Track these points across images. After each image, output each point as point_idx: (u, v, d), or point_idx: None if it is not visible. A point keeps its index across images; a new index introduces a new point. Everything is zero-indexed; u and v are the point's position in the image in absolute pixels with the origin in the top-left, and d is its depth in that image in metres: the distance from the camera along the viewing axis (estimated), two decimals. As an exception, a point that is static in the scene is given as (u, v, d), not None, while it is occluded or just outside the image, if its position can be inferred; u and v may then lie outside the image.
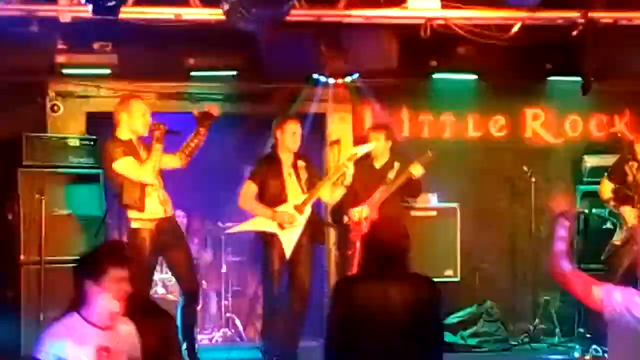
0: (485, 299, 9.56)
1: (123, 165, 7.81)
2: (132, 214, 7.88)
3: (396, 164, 8.93)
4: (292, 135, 8.48)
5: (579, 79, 9.25)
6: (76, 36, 8.26)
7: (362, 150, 8.71)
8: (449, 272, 9.68)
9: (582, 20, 7.99)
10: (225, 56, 9.00)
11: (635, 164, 8.86)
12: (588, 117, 10.52)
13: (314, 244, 8.70)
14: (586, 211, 9.64)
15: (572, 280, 4.79)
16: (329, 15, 7.83)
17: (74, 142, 9.00)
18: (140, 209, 7.86)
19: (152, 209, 7.92)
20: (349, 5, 7.78)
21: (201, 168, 9.96)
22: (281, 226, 8.38)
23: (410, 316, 5.19)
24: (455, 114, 10.35)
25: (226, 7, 6.71)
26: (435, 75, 9.60)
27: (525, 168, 9.64)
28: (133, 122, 7.94)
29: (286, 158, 8.53)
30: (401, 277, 5.33)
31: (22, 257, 8.50)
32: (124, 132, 7.95)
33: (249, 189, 8.52)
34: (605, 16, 8.02)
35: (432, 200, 9.75)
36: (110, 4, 6.92)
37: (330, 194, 8.65)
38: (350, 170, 8.52)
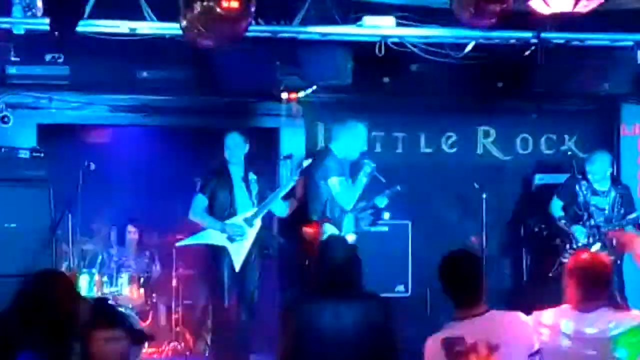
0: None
1: None
2: None
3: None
4: (234, 147, 8.51)
5: (530, 97, 9.37)
6: (28, 48, 8.17)
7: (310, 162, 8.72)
8: (400, 288, 9.72)
9: (534, 41, 8.06)
10: (178, 69, 8.97)
11: (586, 183, 8.98)
12: (538, 135, 10.62)
13: (264, 258, 8.71)
14: (536, 229, 9.71)
15: None
16: (284, 31, 7.83)
17: (24, 154, 8.90)
18: None
19: None
20: (304, 22, 7.78)
21: (152, 181, 9.95)
22: (231, 239, 8.38)
23: (361, 334, 5.22)
24: (407, 130, 10.39)
25: (183, 23, 6.68)
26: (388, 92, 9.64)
27: (476, 185, 9.70)
28: None
29: (236, 171, 8.55)
30: (352, 296, 5.36)
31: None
32: None
33: (199, 202, 8.53)
34: (557, 37, 8.10)
35: (385, 216, 9.77)
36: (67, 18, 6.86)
37: (281, 207, 8.66)
38: (300, 183, 8.53)
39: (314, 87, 9.05)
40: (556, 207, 9.17)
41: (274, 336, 5.62)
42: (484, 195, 9.64)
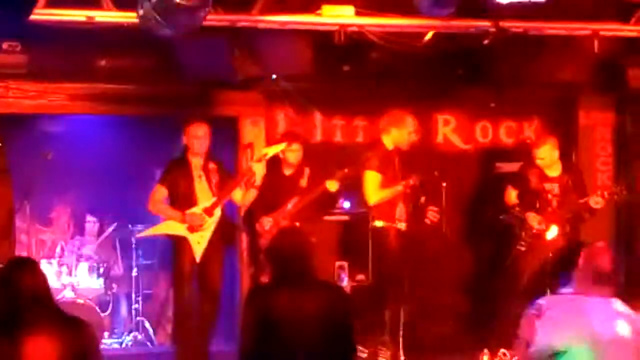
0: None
1: None
2: None
3: (306, 170, 8.96)
4: (199, 138, 8.47)
5: (489, 85, 9.41)
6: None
7: (271, 151, 8.71)
8: (361, 277, 9.73)
9: (493, 30, 8.08)
10: (137, 58, 8.92)
11: (537, 170, 9.03)
12: (498, 123, 10.67)
13: (225, 247, 8.70)
14: (494, 217, 9.77)
15: None
16: (243, 20, 7.79)
17: (-19, 144, 8.83)
18: None
19: None
20: (263, 11, 7.75)
21: (111, 171, 9.89)
22: (191, 229, 8.38)
23: (320, 323, 5.25)
24: (367, 118, 10.40)
25: (141, 12, 6.63)
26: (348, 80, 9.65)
27: (435, 173, 9.71)
28: None
29: (196, 161, 8.52)
30: (310, 285, 5.39)
31: None
32: None
33: (159, 192, 8.50)
34: (515, 25, 8.12)
35: (344, 205, 9.78)
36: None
37: (241, 196, 8.65)
38: (259, 171, 8.52)
39: (274, 76, 9.03)
40: (511, 195, 9.23)
41: (236, 326, 5.64)
42: (444, 184, 9.68)
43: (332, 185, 8.77)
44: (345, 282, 9.21)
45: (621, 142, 10.52)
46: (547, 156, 9.00)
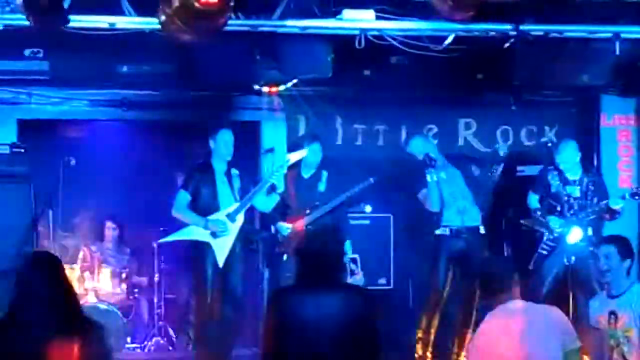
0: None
1: None
2: None
3: (324, 173, 8.97)
4: (225, 144, 8.49)
5: (510, 89, 9.39)
6: (7, 43, 8.14)
7: (294, 157, 8.72)
8: (383, 281, 9.75)
9: (514, 33, 8.07)
10: (158, 63, 8.95)
11: (557, 174, 9.00)
12: (519, 127, 10.65)
13: (247, 252, 8.71)
14: (516, 221, 9.75)
15: None
16: (264, 25, 7.81)
17: (4, 150, 8.86)
18: None
19: None
20: (284, 16, 7.77)
21: (133, 176, 9.92)
22: (214, 234, 8.38)
23: (345, 327, 5.24)
24: (388, 123, 10.40)
25: (162, 17, 6.66)
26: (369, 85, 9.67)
27: None
28: None
29: (219, 167, 8.54)
30: (335, 288, 5.37)
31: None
32: None
33: (182, 198, 8.51)
34: (536, 29, 8.11)
35: (366, 209, 9.78)
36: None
37: (263, 202, 8.66)
38: (281, 177, 8.54)
39: (295, 81, 9.04)
40: (532, 200, 9.19)
41: (258, 330, 5.65)
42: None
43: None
44: (360, 275, 9.17)
45: (644, 144, 10.49)
46: (570, 159, 8.97)
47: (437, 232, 8.81)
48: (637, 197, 8.94)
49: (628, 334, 6.34)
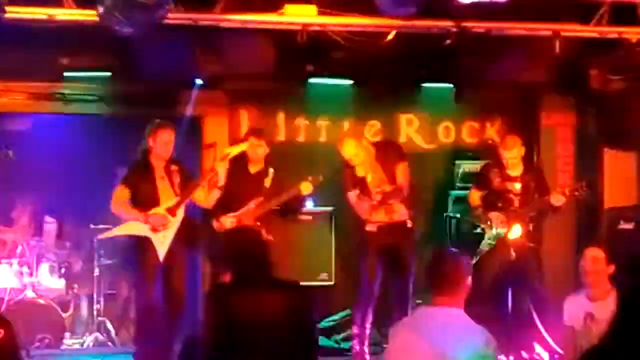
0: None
1: None
2: None
3: (271, 171, 8.94)
4: (164, 144, 8.44)
5: (451, 86, 9.44)
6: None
7: (234, 150, 8.70)
8: (324, 276, 9.76)
9: (455, 30, 8.11)
10: (99, 57, 8.88)
11: (498, 170, 9.06)
12: (460, 123, 10.71)
13: (188, 247, 8.67)
14: (458, 216, 9.82)
15: None
16: (205, 19, 7.77)
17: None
18: None
19: None
20: (225, 10, 7.73)
21: (73, 170, 9.83)
22: (154, 229, 8.33)
23: (283, 324, 5.24)
24: (330, 118, 10.42)
25: (101, 10, 6.60)
26: (312, 80, 9.66)
27: None
28: None
29: (158, 164, 8.49)
30: (274, 285, 5.38)
31: None
32: None
33: (121, 193, 8.45)
34: (477, 26, 8.16)
35: (307, 204, 9.78)
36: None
37: (204, 196, 8.63)
38: (221, 172, 8.50)
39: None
40: (473, 197, 9.25)
41: (197, 326, 5.63)
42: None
43: (307, 188, 8.79)
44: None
45: (582, 142, 10.58)
46: (517, 155, 9.03)
47: (367, 228, 8.83)
48: (577, 193, 9.04)
49: None
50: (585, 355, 4.02)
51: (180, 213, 8.43)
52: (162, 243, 8.34)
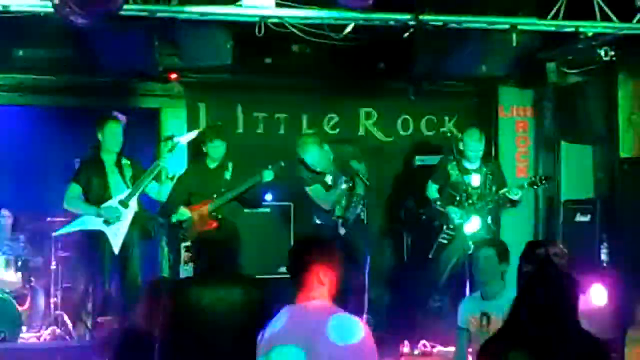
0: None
1: None
2: None
3: (230, 164, 8.93)
4: (113, 137, 8.44)
5: (410, 79, 9.45)
6: None
7: (183, 139, 8.71)
8: (283, 269, 9.73)
9: (413, 23, 8.12)
10: (55, 48, 8.81)
11: (456, 164, 9.09)
12: (419, 116, 10.73)
13: (143, 239, 8.66)
14: (415, 211, 9.84)
15: None
16: (163, 10, 7.72)
17: None
18: None
19: None
20: (183, 1, 7.69)
21: (30, 163, 9.74)
22: (107, 222, 8.32)
23: (243, 319, 5.25)
24: (289, 111, 10.40)
25: (56, 0, 6.53)
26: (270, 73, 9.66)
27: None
28: None
29: (109, 158, 8.48)
30: (233, 280, 5.38)
31: None
32: None
33: (73, 190, 8.46)
34: (435, 19, 8.17)
35: (267, 197, 9.77)
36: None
37: (156, 190, 8.60)
38: (166, 164, 8.48)
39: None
40: (431, 190, 9.28)
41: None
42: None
43: (268, 176, 8.80)
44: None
45: (539, 135, 10.64)
46: (476, 147, 9.07)
47: (318, 221, 8.86)
48: (535, 186, 9.10)
49: None
50: (489, 339, 4.12)
51: (133, 204, 8.42)
52: (116, 235, 8.37)
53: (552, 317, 4.00)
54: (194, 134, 8.77)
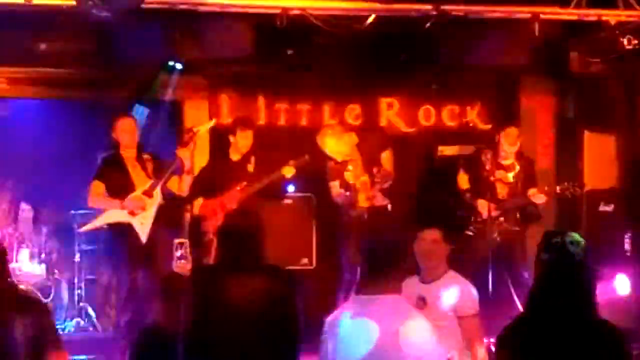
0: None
1: None
2: None
3: (253, 157, 8.95)
4: (126, 133, 8.41)
5: (432, 69, 9.43)
6: None
7: (202, 128, 8.72)
8: (305, 261, 9.76)
9: (434, 13, 8.09)
10: (78, 41, 8.82)
11: (490, 157, 9.00)
12: (441, 107, 10.70)
13: (169, 229, 8.67)
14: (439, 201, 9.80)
15: None
16: (183, 2, 7.73)
17: None
18: None
19: None
20: (204, -6, 7.71)
21: (52, 156, 9.78)
22: (132, 213, 8.32)
23: (265, 307, 5.24)
24: (311, 102, 10.39)
25: (78, -6, 6.57)
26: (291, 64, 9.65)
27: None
28: None
29: (128, 155, 8.47)
30: (256, 269, 5.38)
31: None
32: None
33: (97, 187, 8.42)
34: (456, 9, 8.14)
35: (289, 189, 9.77)
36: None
37: (177, 185, 8.59)
38: (186, 157, 8.46)
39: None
40: (463, 180, 9.20)
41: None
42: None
43: (289, 171, 8.81)
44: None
45: (562, 125, 10.59)
46: (514, 145, 9.03)
47: (349, 213, 8.87)
48: (567, 193, 8.99)
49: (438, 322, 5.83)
50: (509, 326, 4.16)
51: (157, 194, 8.40)
52: (143, 224, 8.33)
53: (567, 305, 4.05)
54: (212, 123, 8.77)
